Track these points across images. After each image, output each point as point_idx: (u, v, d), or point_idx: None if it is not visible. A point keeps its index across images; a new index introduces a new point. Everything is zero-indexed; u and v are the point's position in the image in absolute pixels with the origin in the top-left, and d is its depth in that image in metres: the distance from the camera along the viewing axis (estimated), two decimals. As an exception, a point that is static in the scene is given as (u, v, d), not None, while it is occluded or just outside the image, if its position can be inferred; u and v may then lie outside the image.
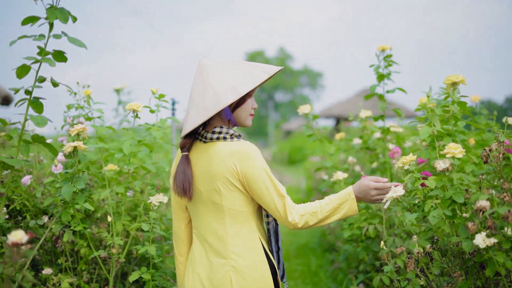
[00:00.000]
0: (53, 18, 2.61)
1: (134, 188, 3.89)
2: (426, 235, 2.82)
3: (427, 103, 3.08)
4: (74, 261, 3.83)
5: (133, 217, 3.93)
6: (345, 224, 4.19)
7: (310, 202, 2.64)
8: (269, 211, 2.59)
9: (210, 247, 2.64)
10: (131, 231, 3.68)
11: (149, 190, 3.97)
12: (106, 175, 3.69)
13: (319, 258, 7.66)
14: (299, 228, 2.57)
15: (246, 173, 2.53)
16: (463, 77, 3.00)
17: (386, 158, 4.62)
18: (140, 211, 3.72)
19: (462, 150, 2.65)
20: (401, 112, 4.64)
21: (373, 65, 4.50)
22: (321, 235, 8.51)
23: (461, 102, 3.08)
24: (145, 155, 3.94)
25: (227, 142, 2.59)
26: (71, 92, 4.02)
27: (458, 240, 2.65)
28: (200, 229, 2.70)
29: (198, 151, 2.65)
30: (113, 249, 3.59)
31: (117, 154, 3.65)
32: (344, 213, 2.63)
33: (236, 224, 2.61)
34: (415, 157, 3.01)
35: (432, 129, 2.99)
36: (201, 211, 2.67)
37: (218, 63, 2.65)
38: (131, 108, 3.48)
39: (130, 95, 6.29)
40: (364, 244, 4.29)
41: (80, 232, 3.71)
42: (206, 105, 2.51)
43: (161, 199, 3.41)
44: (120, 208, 3.84)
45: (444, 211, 2.67)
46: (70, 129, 3.21)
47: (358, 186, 2.67)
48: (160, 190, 4.15)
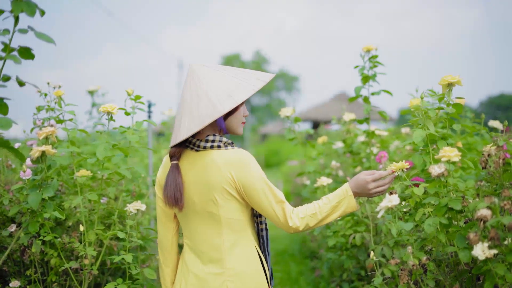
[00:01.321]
0: (19, 11, 2.39)
1: (108, 195, 3.69)
2: (420, 245, 2.66)
3: (420, 105, 2.91)
4: (44, 272, 3.60)
5: (107, 226, 3.72)
6: (329, 231, 4.01)
7: (308, 204, 2.61)
8: (268, 217, 2.56)
9: (206, 257, 2.59)
10: (105, 240, 3.48)
11: (124, 197, 3.76)
12: (78, 181, 3.47)
13: (299, 265, 7.49)
14: (300, 231, 2.56)
15: (244, 181, 2.49)
16: (459, 77, 2.84)
17: (371, 162, 4.45)
18: (115, 219, 3.53)
19: (458, 154, 2.49)
20: (386, 115, 4.49)
21: (357, 66, 4.34)
22: (301, 241, 8.34)
23: (457, 103, 2.92)
24: (120, 160, 3.73)
25: (222, 150, 2.54)
26: (41, 93, 3.79)
27: (454, 250, 2.49)
28: (194, 239, 2.63)
29: (190, 160, 2.58)
30: (85, 259, 3.38)
31: (90, 159, 3.44)
32: (343, 210, 2.59)
33: (233, 233, 2.57)
34: (407, 164, 2.85)
35: (426, 132, 2.83)
36: (195, 221, 2.61)
37: (210, 69, 2.59)
38: (105, 110, 3.27)
39: (104, 97, 6.09)
40: (349, 253, 4.11)
41: (50, 241, 3.48)
42: (201, 113, 2.46)
43: (138, 207, 3.26)
44: (93, 216, 3.63)
45: (440, 219, 2.50)
46: (38, 132, 3.00)
47: (355, 181, 2.62)
48: (135, 197, 3.94)
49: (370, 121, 4.49)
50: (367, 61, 4.30)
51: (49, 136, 2.96)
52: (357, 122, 4.53)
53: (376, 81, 4.31)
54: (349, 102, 4.44)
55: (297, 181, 9.57)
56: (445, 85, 2.89)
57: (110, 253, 3.81)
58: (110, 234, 3.38)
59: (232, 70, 2.63)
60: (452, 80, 2.84)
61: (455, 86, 2.89)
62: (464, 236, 2.49)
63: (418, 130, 2.85)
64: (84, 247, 3.38)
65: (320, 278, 5.75)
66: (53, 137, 2.99)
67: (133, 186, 3.99)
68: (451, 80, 2.84)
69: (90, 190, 3.61)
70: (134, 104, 3.61)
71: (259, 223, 2.70)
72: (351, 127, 5.03)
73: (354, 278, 4.22)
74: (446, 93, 2.90)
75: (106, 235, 3.38)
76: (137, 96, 3.58)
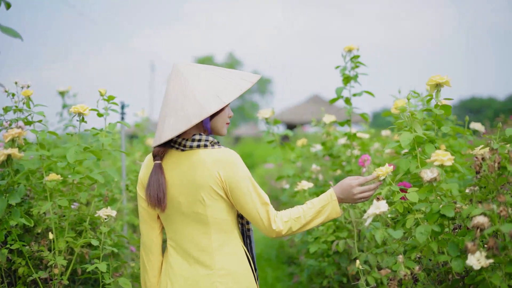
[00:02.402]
0: (-18, 4, 2.23)
1: (80, 200, 3.50)
2: (410, 254, 2.52)
3: (407, 106, 2.79)
4: (12, 282, 3.40)
5: (78, 233, 3.54)
6: (310, 237, 3.87)
7: (292, 208, 2.59)
8: (251, 220, 2.53)
9: (192, 258, 2.54)
10: (76, 248, 3.30)
11: (96, 202, 3.59)
12: (48, 186, 3.28)
13: (276, 270, 7.34)
14: (282, 235, 2.53)
15: (231, 181, 2.47)
16: (448, 78, 2.73)
17: (352, 166, 4.32)
18: (86, 225, 3.35)
19: (451, 158, 2.37)
20: (367, 116, 4.36)
21: (339, 66, 4.20)
22: (279, 246, 8.19)
23: (445, 105, 2.80)
24: (92, 163, 3.55)
25: (209, 149, 2.51)
26: (8, 93, 3.59)
27: (447, 259, 2.37)
28: (179, 241, 2.58)
29: (174, 160, 2.54)
30: (55, 269, 3.20)
31: (60, 163, 3.26)
32: (327, 216, 2.58)
33: (221, 234, 2.54)
34: (391, 167, 2.72)
35: (414, 135, 2.71)
36: (180, 222, 2.56)
37: (195, 68, 2.57)
38: (76, 111, 3.10)
39: (76, 98, 5.88)
40: (330, 259, 3.97)
41: (18, 250, 3.29)
42: (188, 113, 2.43)
43: (109, 213, 3.11)
44: (63, 223, 3.44)
45: (432, 227, 2.37)
46: (4, 134, 2.82)
47: (339, 186, 2.63)
48: (108, 202, 3.76)
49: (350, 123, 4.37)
50: (349, 61, 4.17)
51: (15, 138, 2.78)
52: (338, 124, 4.40)
53: (358, 82, 4.19)
54: (330, 104, 4.30)
55: (272, 183, 9.43)
56: (433, 86, 2.77)
57: (82, 262, 3.63)
58: (82, 242, 3.21)
59: (219, 70, 2.60)
60: (441, 81, 2.73)
61: (443, 86, 2.78)
62: (456, 244, 2.37)
63: (405, 133, 2.72)
64: (54, 256, 3.20)
65: (298, 284, 5.60)
66: (20, 139, 2.81)
67: (105, 190, 3.80)
68: (439, 80, 2.73)
69: (60, 195, 3.43)
70: (107, 105, 3.43)
71: (244, 224, 2.67)
72: (331, 130, 4.90)
73: (336, 285, 4.09)
74: (434, 94, 2.78)
75: (77, 243, 3.20)
76: (110, 96, 3.40)
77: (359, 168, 4.35)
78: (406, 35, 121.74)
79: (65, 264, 3.16)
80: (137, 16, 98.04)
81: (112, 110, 3.46)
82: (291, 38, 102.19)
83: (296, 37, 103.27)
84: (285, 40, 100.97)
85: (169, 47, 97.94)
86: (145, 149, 6.29)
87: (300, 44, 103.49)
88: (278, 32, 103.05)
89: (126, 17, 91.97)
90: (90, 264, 3.14)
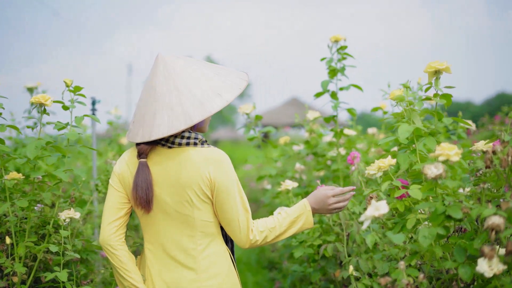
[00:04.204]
0: None
1: (44, 201, 3.18)
2: (411, 259, 2.25)
3: (405, 96, 2.52)
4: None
5: (41, 237, 3.22)
6: (295, 241, 3.57)
7: (266, 218, 2.52)
8: (227, 225, 2.43)
9: (175, 261, 2.44)
10: (39, 253, 2.98)
11: (61, 203, 3.27)
12: (7, 185, 2.97)
13: (256, 275, 7.06)
14: (257, 245, 2.47)
15: (219, 181, 2.37)
16: (448, 64, 2.46)
17: (339, 164, 4.04)
18: (50, 229, 3.04)
19: (458, 152, 2.10)
20: (355, 112, 4.09)
21: (324, 58, 3.92)
22: (259, 250, 7.88)
23: (446, 94, 2.53)
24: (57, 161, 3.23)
25: (199, 148, 2.40)
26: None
27: (454, 265, 2.10)
28: (161, 244, 2.47)
29: (159, 157, 2.42)
30: (14, 277, 2.90)
31: (19, 159, 2.95)
32: (300, 226, 2.52)
33: (206, 236, 2.44)
34: (394, 159, 2.46)
35: (413, 127, 2.44)
36: (162, 223, 2.45)
37: (187, 63, 2.45)
38: (37, 101, 2.80)
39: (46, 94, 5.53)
40: (316, 265, 3.67)
41: (-27, 255, 2.98)
42: (187, 110, 2.32)
43: (71, 215, 2.86)
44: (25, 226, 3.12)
45: (437, 230, 2.09)
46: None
47: (313, 196, 2.57)
48: (75, 204, 3.44)
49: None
50: (335, 53, 3.89)
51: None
52: (324, 120, 4.11)
53: (345, 75, 3.91)
54: (315, 98, 4.01)
55: (252, 185, 9.14)
56: (431, 73, 2.51)
57: (46, 268, 3.30)
58: (43, 247, 2.90)
59: (208, 65, 2.51)
60: (440, 67, 2.47)
61: (442, 74, 2.51)
62: (463, 248, 2.10)
63: (403, 125, 2.45)
64: (13, 263, 2.89)
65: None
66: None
67: (72, 191, 3.49)
68: (438, 66, 2.47)
69: (22, 195, 3.11)
70: (73, 97, 3.12)
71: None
72: (315, 127, 4.63)
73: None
74: (434, 82, 2.51)
75: (37, 248, 2.89)
76: (77, 87, 3.08)
77: (346, 167, 4.08)
78: (406, 35, 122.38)
79: (24, 271, 2.85)
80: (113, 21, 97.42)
81: (79, 102, 3.14)
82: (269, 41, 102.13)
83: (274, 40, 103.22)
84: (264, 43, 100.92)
85: (145, 49, 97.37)
86: (119, 149, 5.97)
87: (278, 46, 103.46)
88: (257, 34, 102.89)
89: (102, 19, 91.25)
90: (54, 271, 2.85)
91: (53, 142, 2.96)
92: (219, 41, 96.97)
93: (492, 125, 6.55)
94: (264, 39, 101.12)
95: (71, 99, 3.11)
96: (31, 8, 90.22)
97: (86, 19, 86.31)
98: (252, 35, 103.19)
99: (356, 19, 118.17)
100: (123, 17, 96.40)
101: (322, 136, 4.53)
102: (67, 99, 3.09)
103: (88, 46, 77.47)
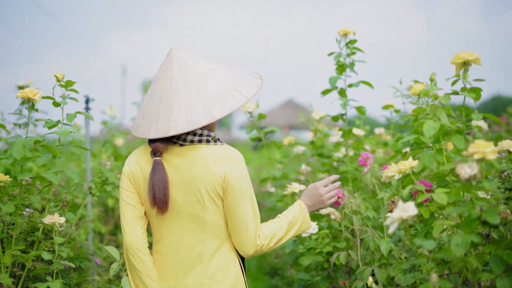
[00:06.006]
0: None
1: (33, 206, 2.95)
2: (442, 270, 2.02)
3: (430, 90, 2.29)
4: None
5: (30, 244, 2.98)
6: (302, 248, 3.34)
7: (268, 222, 2.46)
8: (234, 228, 2.33)
9: (182, 264, 2.34)
10: (27, 262, 2.75)
11: (52, 208, 3.03)
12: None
13: (255, 281, 6.82)
14: (261, 251, 2.38)
15: (232, 180, 2.27)
16: (477, 54, 2.23)
17: (348, 166, 3.81)
18: (39, 235, 2.82)
19: (495, 150, 1.87)
20: (364, 110, 3.86)
21: (332, 52, 3.69)
22: (260, 256, 7.65)
23: (475, 88, 2.30)
24: (47, 161, 3.00)
25: (211, 145, 2.32)
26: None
27: (491, 277, 1.87)
28: (169, 246, 2.37)
29: (171, 155, 2.33)
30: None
31: (5, 160, 2.72)
32: (299, 227, 2.47)
33: (217, 240, 2.35)
34: (415, 161, 2.23)
35: (439, 124, 2.21)
36: (172, 224, 2.35)
37: (200, 56, 2.39)
38: (25, 96, 2.57)
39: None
40: (325, 273, 3.43)
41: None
42: (207, 105, 2.24)
43: (55, 220, 2.68)
44: (13, 232, 2.88)
45: (471, 237, 1.87)
46: None
47: (304, 194, 2.57)
48: (68, 208, 3.21)
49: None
50: (344, 47, 3.66)
51: None
52: (332, 119, 3.87)
53: (354, 71, 3.67)
54: (322, 95, 3.78)
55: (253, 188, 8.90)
56: (459, 64, 2.28)
57: (35, 278, 3.06)
58: (32, 256, 2.67)
59: (222, 63, 2.43)
60: (469, 58, 2.24)
61: (471, 65, 2.29)
62: (500, 258, 1.88)
63: (428, 121, 2.22)
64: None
65: (282, 297, 5.09)
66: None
67: (63, 194, 3.25)
68: (467, 57, 2.24)
69: (9, 199, 2.87)
70: (65, 93, 2.89)
71: None
72: (320, 127, 4.40)
73: (329, 302, 3.56)
74: (462, 75, 2.29)
75: (26, 257, 2.66)
76: (69, 81, 2.85)
77: (355, 169, 3.85)
78: (406, 35, 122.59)
79: (10, 283, 2.61)
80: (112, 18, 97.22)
81: (72, 98, 2.91)
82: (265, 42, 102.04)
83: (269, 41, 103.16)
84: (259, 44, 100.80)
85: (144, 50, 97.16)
86: (113, 150, 5.73)
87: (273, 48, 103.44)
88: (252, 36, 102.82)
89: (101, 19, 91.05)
90: (44, 281, 2.66)
91: (42, 141, 2.72)
92: (219, 41, 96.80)
93: (497, 126, 6.37)
94: (264, 39, 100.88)
95: (63, 94, 2.88)
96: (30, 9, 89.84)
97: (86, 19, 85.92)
98: (252, 35, 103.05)
99: (356, 19, 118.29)
100: (123, 17, 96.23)
101: (327, 136, 4.31)
102: (58, 95, 2.87)
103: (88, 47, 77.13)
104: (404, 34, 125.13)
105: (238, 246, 2.37)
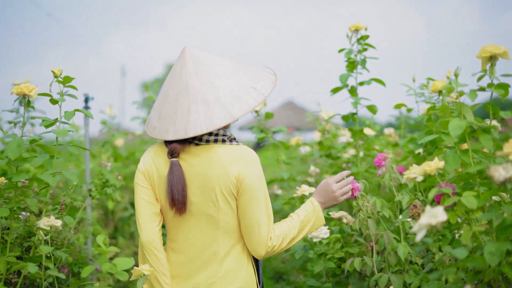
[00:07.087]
0: None
1: (29, 209, 2.81)
2: (473, 280, 1.86)
3: (455, 86, 2.14)
4: None
5: (26, 249, 2.83)
6: (312, 253, 3.18)
7: (279, 222, 2.41)
8: (247, 229, 2.31)
9: (195, 263, 2.34)
10: (23, 269, 2.60)
11: (50, 211, 2.89)
12: (-14, 191, 2.59)
13: (260, 285, 6.65)
14: (273, 252, 2.34)
15: (247, 180, 2.25)
16: (505, 48, 2.08)
17: (359, 167, 3.65)
18: (35, 240, 2.65)
19: (532, 150, 1.72)
20: (375, 109, 3.70)
21: (343, 49, 3.53)
22: (264, 260, 7.49)
23: (503, 84, 2.15)
24: (44, 162, 2.84)
25: (227, 145, 2.30)
26: None
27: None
28: (182, 244, 2.37)
29: (186, 155, 2.31)
30: (-8, 298, 2.52)
31: (0, 160, 2.57)
32: (312, 225, 2.42)
33: (230, 240, 2.34)
34: (442, 162, 2.08)
35: (465, 122, 2.06)
36: (186, 223, 2.35)
37: (214, 55, 2.37)
38: (20, 91, 2.42)
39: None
40: (337, 279, 3.27)
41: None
42: (226, 106, 2.22)
43: (52, 222, 2.55)
44: (8, 237, 2.72)
45: (506, 245, 1.71)
46: None
47: (317, 192, 2.51)
48: (66, 211, 3.06)
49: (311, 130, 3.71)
50: (355, 43, 3.50)
51: None
52: (342, 118, 3.71)
53: (366, 68, 3.52)
54: (332, 94, 3.62)
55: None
56: (486, 58, 2.13)
57: (32, 284, 2.96)
58: (21, 267, 2.53)
59: (236, 59, 2.43)
60: (497, 51, 2.09)
61: (498, 60, 2.13)
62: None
63: (454, 120, 2.07)
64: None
65: (288, 303, 4.92)
66: None
67: (62, 197, 3.10)
68: (495, 51, 2.09)
69: (4, 201, 2.73)
70: (63, 89, 2.73)
71: None
72: (328, 127, 4.25)
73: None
74: (489, 70, 2.13)
75: (18, 266, 2.51)
76: (67, 77, 2.69)
77: (366, 170, 3.70)
78: (406, 35, 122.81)
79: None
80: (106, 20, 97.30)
81: (70, 95, 2.76)
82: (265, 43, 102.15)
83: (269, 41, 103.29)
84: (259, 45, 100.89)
85: (139, 51, 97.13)
86: (113, 151, 5.58)
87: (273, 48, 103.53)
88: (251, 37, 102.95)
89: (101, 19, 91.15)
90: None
91: (39, 140, 2.57)
92: (219, 41, 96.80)
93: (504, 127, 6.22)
94: (264, 39, 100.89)
95: (60, 91, 2.73)
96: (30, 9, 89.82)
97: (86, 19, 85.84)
98: (252, 35, 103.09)
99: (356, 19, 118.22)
100: (123, 17, 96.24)
101: (336, 136, 4.16)
102: (56, 92, 2.72)
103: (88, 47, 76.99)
104: (404, 34, 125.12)
105: (250, 247, 2.35)
